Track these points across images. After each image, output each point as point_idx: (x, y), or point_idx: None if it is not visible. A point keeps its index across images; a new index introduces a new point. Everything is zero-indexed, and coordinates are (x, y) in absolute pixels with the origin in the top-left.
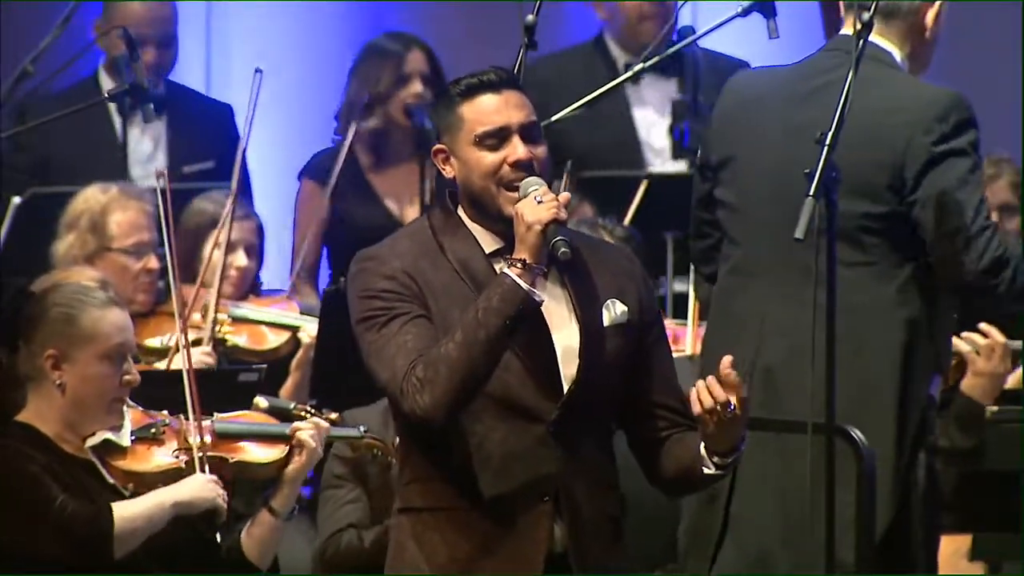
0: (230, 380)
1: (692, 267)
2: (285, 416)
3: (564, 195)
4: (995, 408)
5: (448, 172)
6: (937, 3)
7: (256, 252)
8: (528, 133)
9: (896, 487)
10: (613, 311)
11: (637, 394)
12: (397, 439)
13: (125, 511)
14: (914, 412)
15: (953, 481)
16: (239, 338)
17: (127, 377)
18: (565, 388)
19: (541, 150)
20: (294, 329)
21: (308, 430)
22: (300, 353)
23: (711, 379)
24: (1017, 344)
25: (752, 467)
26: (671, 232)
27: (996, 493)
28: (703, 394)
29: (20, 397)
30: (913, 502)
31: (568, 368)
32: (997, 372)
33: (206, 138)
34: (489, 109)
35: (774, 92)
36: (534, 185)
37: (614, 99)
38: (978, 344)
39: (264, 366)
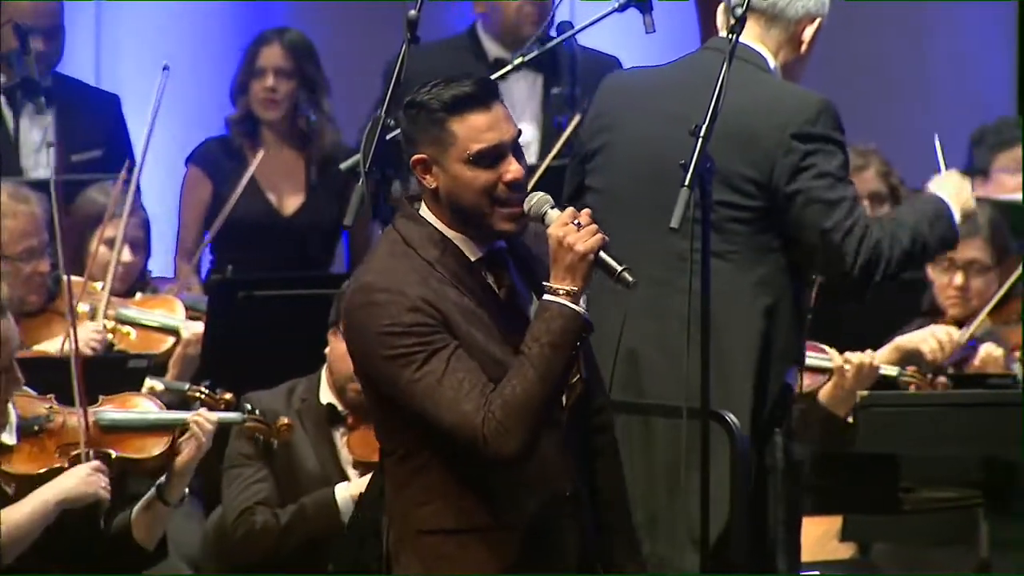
0: (120, 366)
1: None
2: (180, 398)
3: (586, 212)
4: (865, 393)
5: (429, 182)
6: (818, 20)
7: (142, 246)
8: (517, 148)
9: (752, 470)
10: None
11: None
12: (282, 418)
13: (10, 517)
14: (769, 397)
15: (823, 463)
16: (127, 340)
17: (16, 378)
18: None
19: (525, 162)
20: (177, 330)
21: (196, 421)
22: (179, 349)
23: None
24: (892, 370)
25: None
26: None
27: (866, 475)
28: None
29: None
30: (770, 484)
31: None
32: (859, 388)
33: (94, 128)
34: (482, 127)
35: (649, 86)
36: (546, 204)
37: None
38: (851, 361)
39: (152, 353)
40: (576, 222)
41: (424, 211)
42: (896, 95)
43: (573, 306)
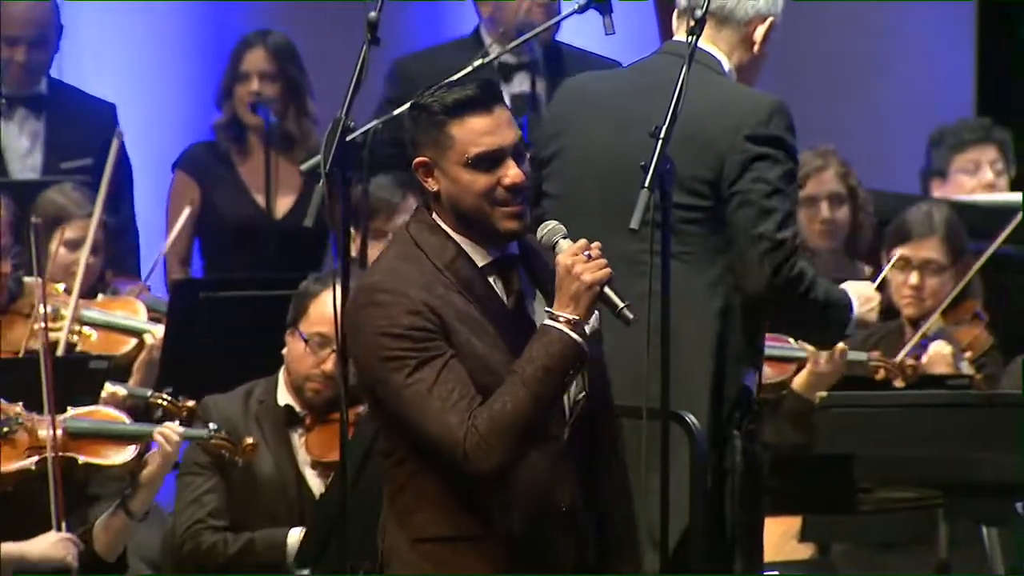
0: (81, 367)
1: None
2: (142, 404)
3: (596, 244)
4: (824, 394)
5: (431, 185)
6: (769, 20)
7: (102, 248)
8: (518, 152)
9: (710, 472)
10: (592, 322)
11: None
12: (247, 438)
13: None
14: (727, 400)
15: (782, 464)
16: (88, 342)
17: None
18: (566, 405)
19: (526, 166)
20: (141, 333)
21: (163, 433)
22: (143, 354)
23: None
24: (861, 356)
25: None
26: None
27: (825, 476)
28: None
29: None
30: (727, 487)
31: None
32: (834, 373)
33: (87, 136)
34: (481, 131)
35: (606, 90)
36: (558, 234)
37: None
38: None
39: (113, 354)
40: (587, 253)
41: (435, 215)
42: (855, 96)
43: (572, 334)
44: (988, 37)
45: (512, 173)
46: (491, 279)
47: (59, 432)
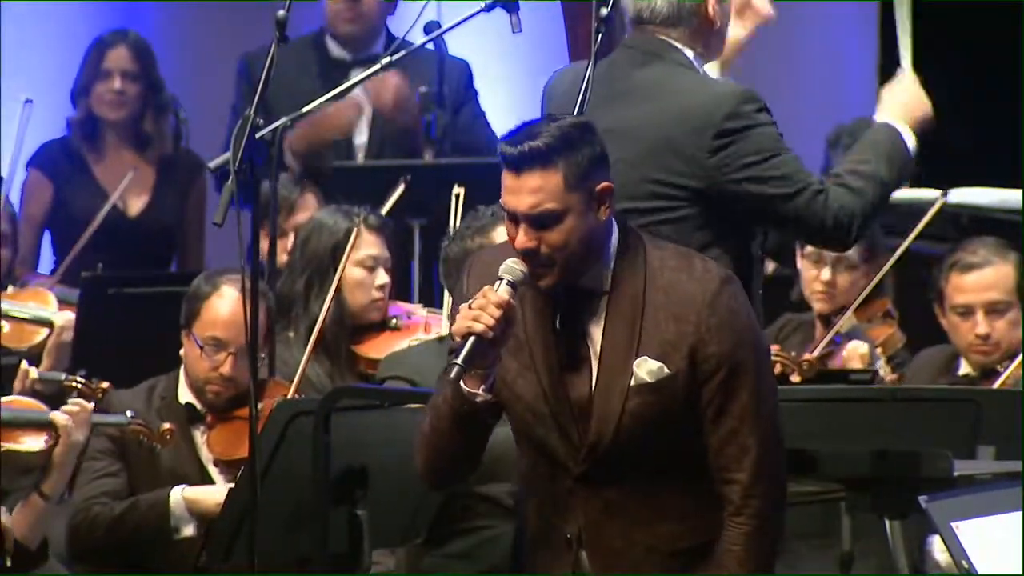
0: None
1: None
2: (56, 388)
3: (482, 292)
4: None
5: None
6: None
7: (10, 241)
8: (536, 222)
9: None
10: (642, 370)
11: (707, 441)
12: (164, 424)
13: None
14: None
15: None
16: (1, 334)
17: None
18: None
19: (555, 235)
20: (51, 321)
21: (67, 415)
22: (53, 336)
23: None
24: None
25: None
26: (417, 220)
27: None
28: None
29: None
30: None
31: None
32: None
33: None
34: (506, 187)
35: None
36: (503, 274)
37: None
38: None
39: (24, 348)
40: (471, 304)
41: None
42: (763, 95)
43: (460, 382)
44: (892, 36)
45: (519, 239)
46: (551, 304)
47: None
